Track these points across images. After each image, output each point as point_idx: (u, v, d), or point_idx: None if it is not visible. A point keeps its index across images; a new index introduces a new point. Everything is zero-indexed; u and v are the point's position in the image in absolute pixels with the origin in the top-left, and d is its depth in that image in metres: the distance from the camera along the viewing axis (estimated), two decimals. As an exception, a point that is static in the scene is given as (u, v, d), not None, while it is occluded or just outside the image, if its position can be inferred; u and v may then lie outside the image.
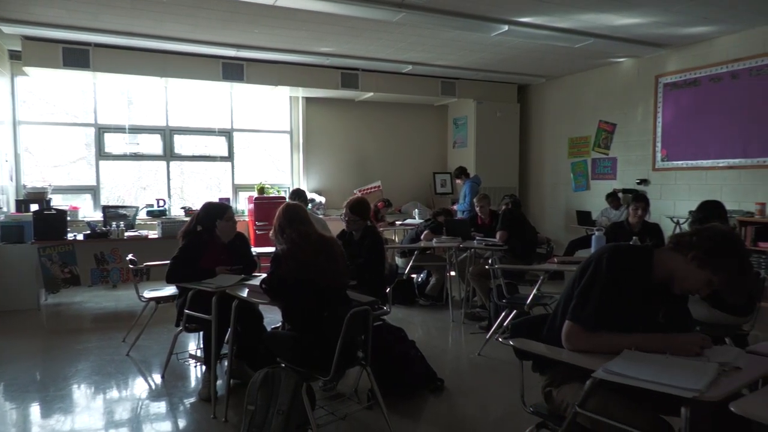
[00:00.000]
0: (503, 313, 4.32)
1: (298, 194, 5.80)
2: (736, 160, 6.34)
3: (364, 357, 2.85)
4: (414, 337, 3.81)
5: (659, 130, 7.25)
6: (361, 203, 3.87)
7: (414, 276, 6.30)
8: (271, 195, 8.12)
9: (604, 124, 8.10)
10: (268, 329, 3.43)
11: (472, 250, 5.62)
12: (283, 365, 2.74)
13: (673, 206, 7.05)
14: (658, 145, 7.26)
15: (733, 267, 1.83)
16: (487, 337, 4.40)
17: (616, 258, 1.95)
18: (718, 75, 6.51)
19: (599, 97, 8.19)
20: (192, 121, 8.16)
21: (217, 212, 3.60)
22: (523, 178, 9.59)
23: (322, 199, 8.45)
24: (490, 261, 4.50)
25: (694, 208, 4.17)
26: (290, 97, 8.68)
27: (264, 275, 3.03)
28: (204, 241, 3.56)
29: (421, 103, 9.47)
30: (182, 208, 7.83)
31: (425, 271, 6.30)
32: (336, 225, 4.92)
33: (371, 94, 8.44)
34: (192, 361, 4.05)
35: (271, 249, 3.20)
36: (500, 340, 4.26)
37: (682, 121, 6.95)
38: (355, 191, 8.56)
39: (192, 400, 3.39)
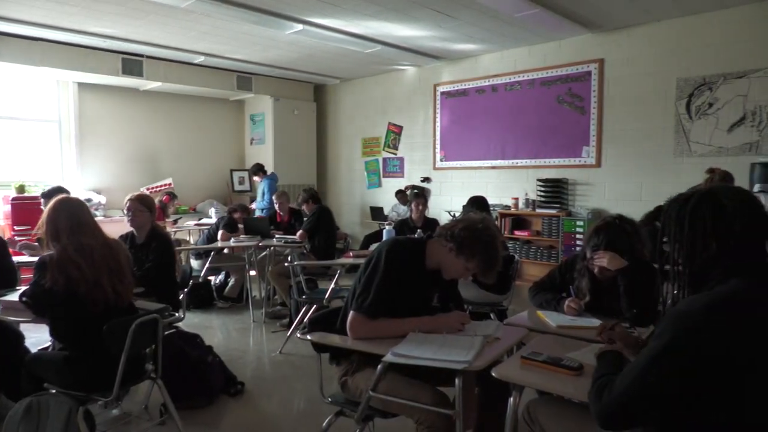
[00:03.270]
0: (303, 309, 4.40)
1: (59, 192, 4.98)
2: (497, 161, 7.44)
3: (155, 369, 2.64)
4: (212, 342, 3.66)
5: (438, 133, 8.12)
6: (148, 196, 3.61)
7: (212, 278, 6.02)
8: (33, 194, 6.93)
9: (393, 126, 8.77)
10: (33, 351, 2.94)
11: (272, 248, 5.59)
12: (53, 391, 2.38)
13: (450, 201, 7.96)
14: (438, 146, 8.13)
15: (481, 255, 2.13)
16: (288, 334, 4.44)
17: (392, 251, 2.15)
18: (482, 87, 7.55)
19: (388, 100, 8.82)
20: None
21: None
22: (321, 176, 9.85)
23: (102, 199, 7.52)
24: (289, 259, 4.54)
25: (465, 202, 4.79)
26: (58, 81, 7.52)
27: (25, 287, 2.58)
28: None
29: (216, 96, 9.05)
30: None
31: (224, 272, 6.07)
32: (119, 227, 4.41)
33: (159, 83, 7.78)
34: (-76, 402, 3.26)
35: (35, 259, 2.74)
36: (299, 335, 4.33)
37: (456, 126, 7.89)
38: (142, 189, 7.82)
39: (-76, 449, 2.75)
